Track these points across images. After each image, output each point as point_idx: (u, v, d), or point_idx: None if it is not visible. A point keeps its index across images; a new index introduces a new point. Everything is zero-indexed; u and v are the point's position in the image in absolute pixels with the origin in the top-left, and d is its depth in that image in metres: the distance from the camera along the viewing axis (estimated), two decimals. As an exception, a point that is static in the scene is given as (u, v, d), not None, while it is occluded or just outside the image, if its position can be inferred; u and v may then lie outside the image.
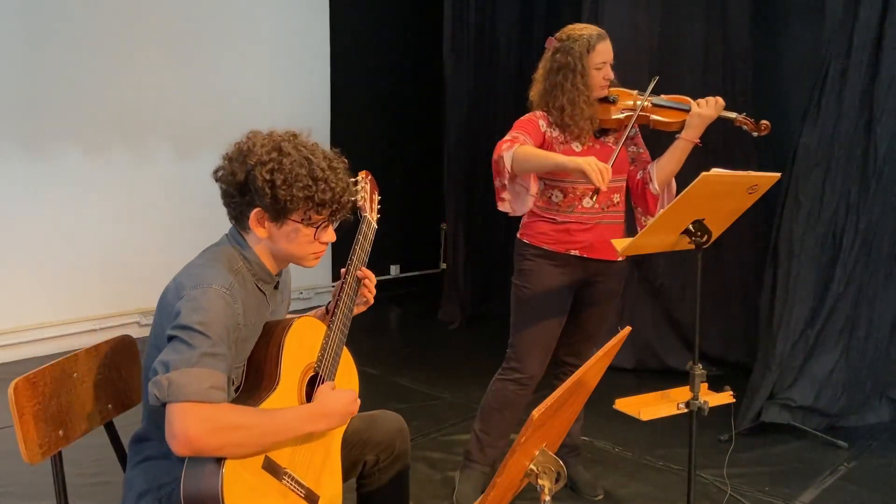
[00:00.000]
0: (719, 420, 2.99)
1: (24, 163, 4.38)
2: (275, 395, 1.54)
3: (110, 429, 1.76)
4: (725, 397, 2.30)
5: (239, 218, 1.63)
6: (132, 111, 4.77)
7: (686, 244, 2.24)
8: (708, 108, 2.44)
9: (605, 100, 2.53)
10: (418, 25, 6.30)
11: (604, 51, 2.48)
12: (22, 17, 4.30)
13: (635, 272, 4.34)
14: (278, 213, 1.57)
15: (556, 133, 2.50)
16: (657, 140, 2.74)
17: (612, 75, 2.52)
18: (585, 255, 2.53)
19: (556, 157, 2.31)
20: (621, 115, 2.51)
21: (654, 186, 2.55)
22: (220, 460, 1.41)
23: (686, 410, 2.22)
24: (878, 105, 3.27)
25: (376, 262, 1.94)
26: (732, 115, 2.48)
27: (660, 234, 2.17)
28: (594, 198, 2.36)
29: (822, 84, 3.33)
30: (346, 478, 1.79)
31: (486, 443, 2.70)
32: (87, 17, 4.54)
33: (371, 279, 1.84)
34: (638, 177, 2.60)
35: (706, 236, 2.21)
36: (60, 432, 1.58)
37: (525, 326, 2.60)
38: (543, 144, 2.47)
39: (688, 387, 2.23)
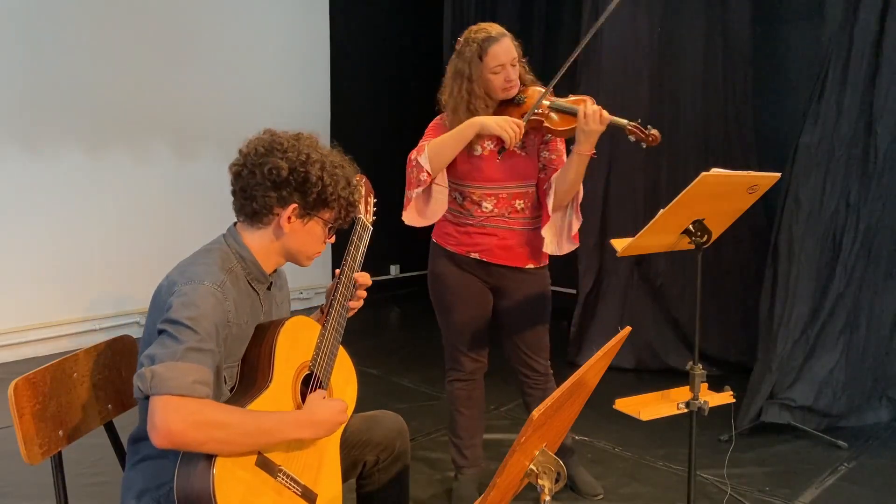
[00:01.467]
0: (719, 420, 3.00)
1: (24, 163, 4.38)
2: (267, 392, 1.54)
3: (110, 429, 1.76)
4: (725, 397, 2.31)
5: (260, 213, 1.63)
6: (132, 111, 4.77)
7: (686, 244, 2.24)
8: (593, 123, 2.25)
9: (512, 101, 2.43)
10: (418, 25, 6.30)
11: (499, 53, 2.35)
12: (22, 18, 4.30)
13: (635, 272, 4.34)
14: (312, 208, 1.64)
15: None
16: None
17: (514, 76, 2.38)
18: (486, 260, 2.50)
19: (471, 123, 2.28)
20: (519, 119, 2.37)
21: (550, 202, 2.41)
22: (211, 457, 1.41)
23: (686, 410, 2.22)
24: (878, 105, 3.27)
25: (376, 263, 1.95)
26: (623, 122, 2.30)
27: (660, 234, 2.17)
28: (501, 155, 2.32)
29: (822, 84, 3.33)
30: (345, 478, 1.79)
31: (461, 446, 2.71)
32: (87, 17, 4.54)
33: (366, 282, 1.86)
34: (544, 186, 2.48)
35: (706, 236, 2.21)
36: (60, 432, 1.58)
37: (448, 328, 2.62)
38: None
39: (688, 387, 2.24)
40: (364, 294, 1.87)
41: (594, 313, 4.42)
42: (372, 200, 1.98)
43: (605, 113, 2.27)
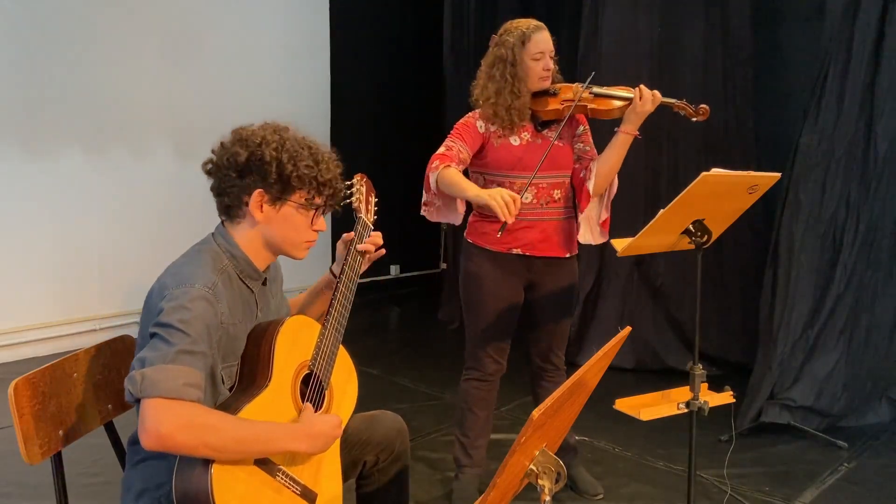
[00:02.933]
0: (719, 420, 3.00)
1: (24, 163, 4.38)
2: (266, 392, 1.54)
3: (110, 429, 1.76)
4: (725, 397, 2.31)
5: (233, 206, 1.63)
6: (132, 111, 4.77)
7: (686, 244, 2.24)
8: (645, 104, 2.40)
9: (546, 92, 2.51)
10: (418, 25, 6.30)
11: (541, 41, 2.45)
12: (21, 18, 4.30)
13: (635, 272, 4.34)
14: (281, 192, 1.60)
15: (493, 128, 2.50)
16: (601, 134, 2.72)
17: (552, 66, 2.49)
18: (528, 254, 2.53)
19: (469, 191, 2.32)
20: (560, 106, 2.48)
21: (591, 184, 2.51)
22: None
23: (686, 410, 2.22)
24: (878, 105, 3.27)
25: (376, 263, 1.95)
26: (671, 101, 2.46)
27: (660, 234, 2.17)
28: (501, 231, 2.32)
29: (822, 84, 3.33)
30: (345, 478, 1.78)
31: (468, 445, 2.71)
32: (87, 17, 4.54)
33: (377, 241, 1.86)
34: (581, 174, 2.57)
35: (706, 236, 2.21)
36: (60, 432, 1.58)
37: (476, 328, 2.62)
38: (483, 143, 2.49)
39: (688, 387, 2.24)
40: (375, 248, 1.86)
41: (594, 313, 4.42)
42: (373, 199, 1.97)
43: (657, 94, 2.41)
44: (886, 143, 3.29)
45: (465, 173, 2.53)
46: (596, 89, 2.49)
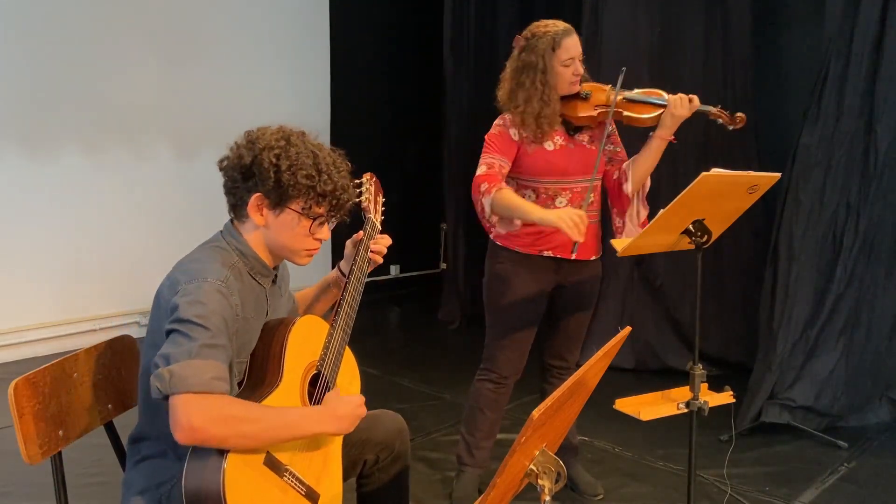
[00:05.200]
0: (719, 420, 2.99)
1: (24, 163, 4.38)
2: (277, 392, 1.54)
3: (110, 429, 1.76)
4: (725, 397, 2.31)
5: (238, 205, 1.64)
6: (132, 111, 4.77)
7: (686, 244, 2.24)
8: (682, 108, 2.36)
9: (577, 96, 2.48)
10: (418, 25, 6.31)
11: (570, 46, 2.41)
12: (21, 17, 4.30)
13: (635, 272, 4.34)
14: (279, 198, 1.60)
15: (526, 133, 2.46)
16: (628, 136, 2.72)
17: (581, 70, 2.45)
18: (559, 256, 2.52)
19: (532, 213, 2.28)
20: (594, 112, 2.44)
21: (628, 187, 2.49)
22: (222, 455, 1.41)
23: (686, 410, 2.22)
24: (878, 105, 3.27)
25: (376, 262, 1.94)
26: (708, 108, 2.42)
27: (660, 234, 2.17)
28: (575, 248, 2.30)
29: (822, 84, 3.33)
30: (345, 477, 1.79)
31: (472, 444, 2.71)
32: (87, 16, 4.54)
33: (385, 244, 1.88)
34: (614, 177, 2.55)
35: (706, 236, 2.21)
36: (60, 432, 1.58)
37: (498, 329, 2.61)
38: (517, 151, 2.46)
39: (688, 387, 2.23)
40: (382, 251, 1.88)
41: (594, 313, 4.40)
42: (381, 199, 1.97)
43: (695, 99, 2.38)
44: (886, 143, 3.29)
45: None
46: (629, 94, 2.44)
